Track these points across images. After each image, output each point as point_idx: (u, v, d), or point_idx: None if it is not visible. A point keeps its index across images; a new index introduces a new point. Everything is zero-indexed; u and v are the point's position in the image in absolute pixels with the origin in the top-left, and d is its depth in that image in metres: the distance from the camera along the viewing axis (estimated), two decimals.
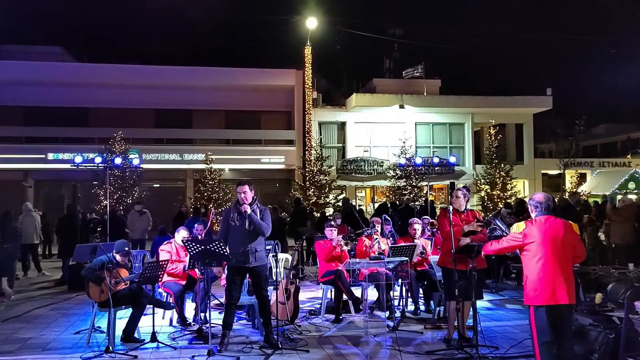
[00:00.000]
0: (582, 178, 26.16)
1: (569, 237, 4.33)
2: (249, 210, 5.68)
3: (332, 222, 7.94)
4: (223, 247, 5.51)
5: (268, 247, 6.91)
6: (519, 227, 4.43)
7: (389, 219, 9.05)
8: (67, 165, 16.34)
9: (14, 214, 12.60)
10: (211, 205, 19.10)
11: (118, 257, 6.29)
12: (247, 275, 5.98)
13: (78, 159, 13.48)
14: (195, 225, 8.20)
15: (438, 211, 16.40)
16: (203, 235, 8.04)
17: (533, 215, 4.43)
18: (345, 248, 7.39)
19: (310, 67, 22.68)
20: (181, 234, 7.05)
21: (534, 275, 4.24)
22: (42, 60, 21.60)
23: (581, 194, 23.23)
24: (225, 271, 6.07)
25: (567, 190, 23.40)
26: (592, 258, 9.29)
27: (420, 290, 7.62)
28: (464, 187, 6.21)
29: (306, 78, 22.62)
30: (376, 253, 7.07)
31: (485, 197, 22.42)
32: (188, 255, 6.26)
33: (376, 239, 7.39)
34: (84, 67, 22.94)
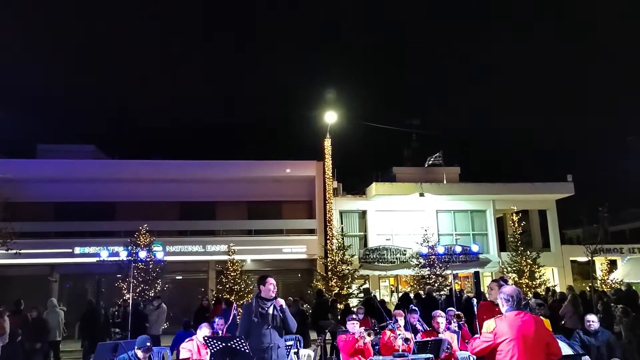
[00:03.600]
0: (612, 265, 25.25)
1: (542, 334, 4.21)
2: (284, 304, 5.71)
3: (355, 315, 7.81)
4: (245, 344, 5.44)
5: (290, 343, 6.80)
6: (489, 326, 4.29)
7: (415, 308, 8.84)
8: (93, 260, 16.54)
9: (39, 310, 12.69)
10: (233, 297, 18.89)
11: (139, 354, 6.24)
12: None
13: (104, 253, 13.74)
14: (216, 319, 8.13)
15: (463, 298, 15.92)
16: (224, 330, 7.94)
17: (504, 309, 4.33)
18: (368, 339, 7.20)
19: (331, 158, 23.27)
20: (203, 331, 6.98)
21: None
22: (76, 158, 22.70)
23: (613, 281, 22.36)
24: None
25: (598, 278, 22.54)
26: (631, 351, 8.80)
27: None
28: (501, 278, 6.13)
29: (326, 169, 23.11)
30: (399, 348, 6.86)
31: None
32: (209, 352, 6.17)
33: (400, 334, 7.20)
34: (112, 163, 23.97)
